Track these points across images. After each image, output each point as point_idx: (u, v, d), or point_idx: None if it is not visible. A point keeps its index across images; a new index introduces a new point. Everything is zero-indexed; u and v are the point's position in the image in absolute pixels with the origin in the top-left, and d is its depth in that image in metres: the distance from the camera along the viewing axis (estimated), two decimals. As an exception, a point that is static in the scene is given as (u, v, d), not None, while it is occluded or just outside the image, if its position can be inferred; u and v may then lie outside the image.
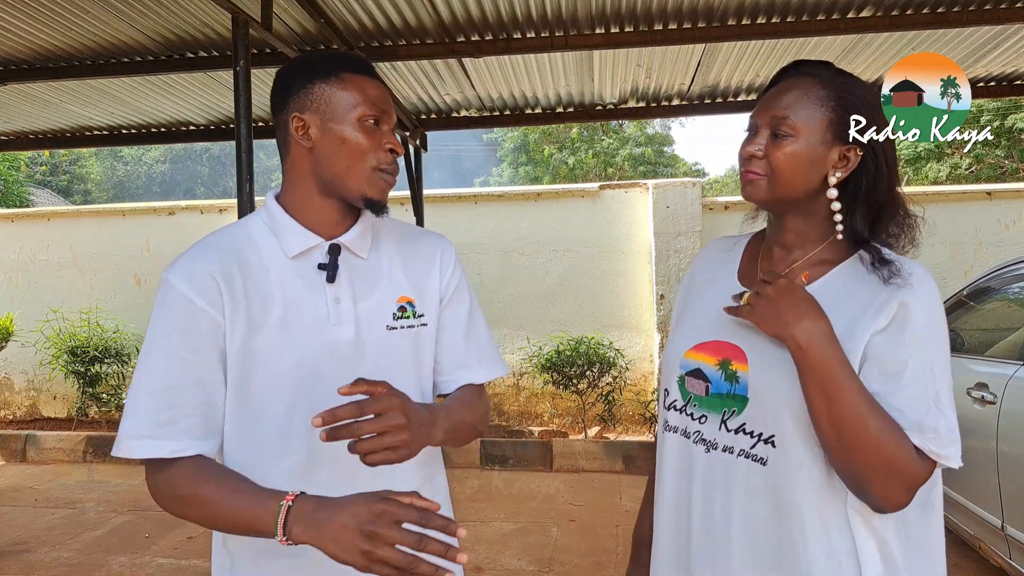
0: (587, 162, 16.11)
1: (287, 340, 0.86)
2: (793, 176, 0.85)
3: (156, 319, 0.86)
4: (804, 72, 0.90)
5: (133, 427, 0.83)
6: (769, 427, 0.83)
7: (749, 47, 3.48)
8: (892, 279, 0.82)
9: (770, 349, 0.84)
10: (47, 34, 3.09)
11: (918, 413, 0.77)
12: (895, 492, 0.77)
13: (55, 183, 18.83)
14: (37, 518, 3.66)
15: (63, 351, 5.29)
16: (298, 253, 0.90)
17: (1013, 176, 11.01)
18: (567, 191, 5.49)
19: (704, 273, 1.01)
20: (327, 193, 0.91)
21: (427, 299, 0.96)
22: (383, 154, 0.89)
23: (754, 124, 0.89)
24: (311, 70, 0.90)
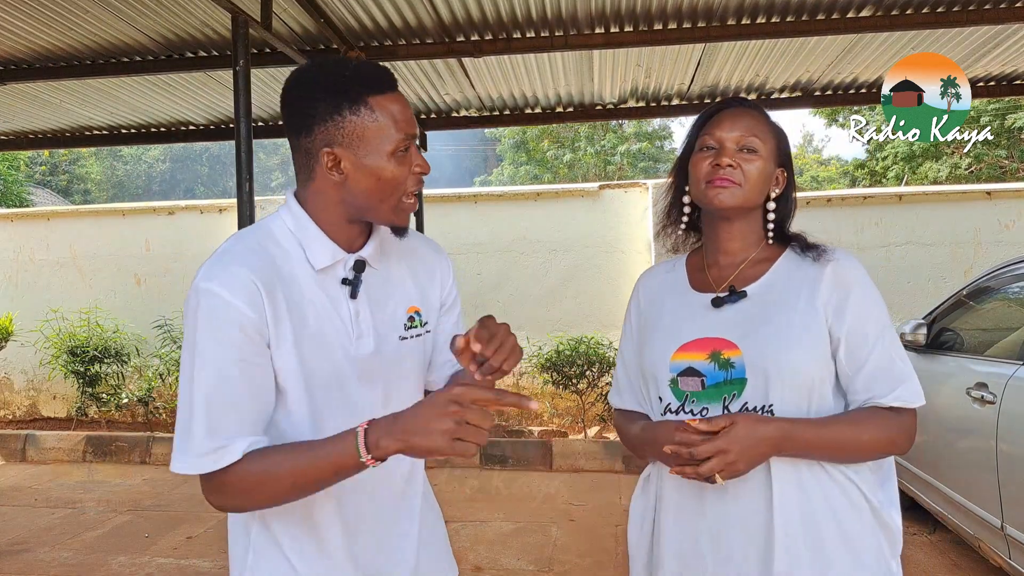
0: (587, 160, 16.10)
1: (318, 352, 0.87)
2: (757, 187, 1.01)
3: (203, 329, 0.82)
4: (748, 106, 1.05)
5: (198, 444, 0.81)
6: (769, 397, 0.95)
7: (749, 47, 3.49)
8: (822, 257, 1.00)
9: (756, 332, 0.97)
10: (47, 34, 3.09)
11: (888, 379, 0.96)
12: (902, 449, 0.97)
13: (55, 183, 18.83)
14: (36, 518, 3.66)
15: (63, 351, 5.29)
16: (325, 267, 0.89)
17: (1013, 176, 11.01)
18: (567, 191, 5.49)
19: (655, 293, 1.13)
20: (354, 219, 0.90)
21: (430, 307, 1.00)
22: (412, 182, 0.88)
23: (719, 140, 1.02)
24: (337, 95, 0.85)
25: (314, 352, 0.86)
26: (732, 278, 1.04)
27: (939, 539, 3.06)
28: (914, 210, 5.09)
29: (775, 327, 0.97)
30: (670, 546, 1.01)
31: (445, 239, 5.27)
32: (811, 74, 3.92)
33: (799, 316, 0.97)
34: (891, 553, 0.97)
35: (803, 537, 0.93)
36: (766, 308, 0.99)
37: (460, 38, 3.25)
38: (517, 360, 0.84)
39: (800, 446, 0.92)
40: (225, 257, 0.86)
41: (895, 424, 0.95)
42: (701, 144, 1.03)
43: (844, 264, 0.99)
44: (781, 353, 0.94)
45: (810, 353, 0.95)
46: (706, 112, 1.07)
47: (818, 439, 0.93)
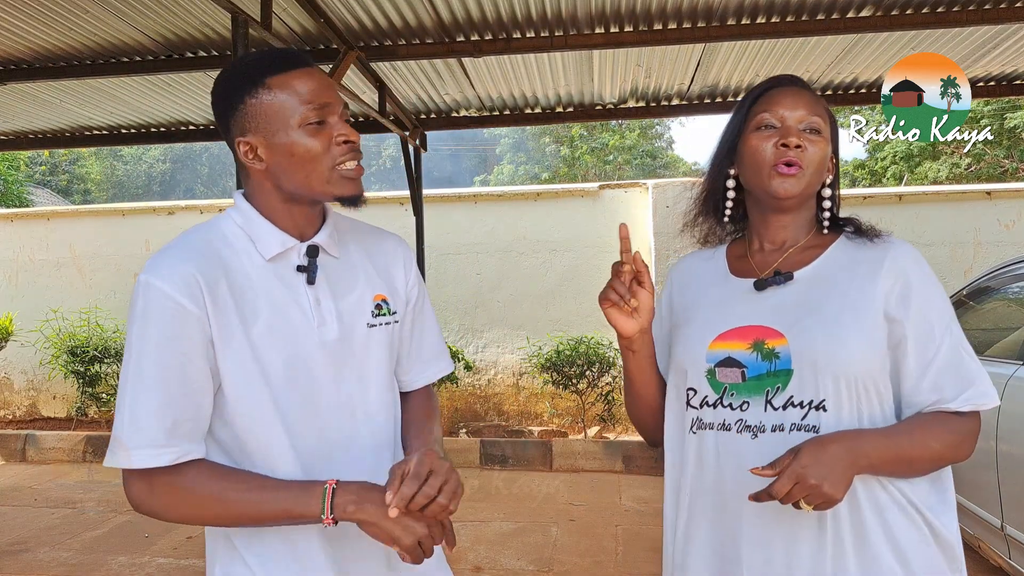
0: (586, 159, 16.11)
1: (275, 343, 0.85)
2: (819, 172, 0.94)
3: (141, 323, 0.82)
4: (801, 85, 0.97)
5: (131, 437, 0.80)
6: (819, 392, 0.87)
7: (749, 47, 3.49)
8: (879, 240, 0.93)
9: (803, 320, 0.89)
10: (47, 34, 3.09)
11: (958, 378, 0.87)
12: (965, 455, 0.89)
13: (55, 183, 18.83)
14: (36, 518, 3.66)
15: (63, 351, 5.29)
16: (275, 255, 0.88)
17: (1013, 176, 11.01)
18: (567, 191, 5.49)
19: (690, 279, 1.05)
20: (295, 201, 0.89)
21: (397, 297, 0.98)
22: (337, 149, 0.86)
23: (782, 119, 0.93)
24: (237, 86, 0.86)
25: (270, 343, 0.85)
26: (778, 263, 0.95)
27: (939, 539, 3.06)
28: (914, 210, 5.09)
29: (826, 314, 0.88)
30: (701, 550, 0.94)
31: (445, 239, 5.28)
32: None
33: (852, 302, 0.88)
34: (950, 568, 0.88)
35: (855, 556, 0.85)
36: (815, 293, 0.91)
37: (460, 38, 3.25)
38: (446, 508, 0.81)
39: (874, 462, 0.83)
40: (168, 252, 0.85)
41: (962, 429, 0.87)
42: (759, 122, 0.93)
43: (905, 251, 0.91)
44: (833, 342, 0.86)
45: (865, 343, 0.87)
46: (757, 89, 0.97)
47: (889, 452, 0.83)
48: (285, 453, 0.86)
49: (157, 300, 0.81)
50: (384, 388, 0.95)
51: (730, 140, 0.98)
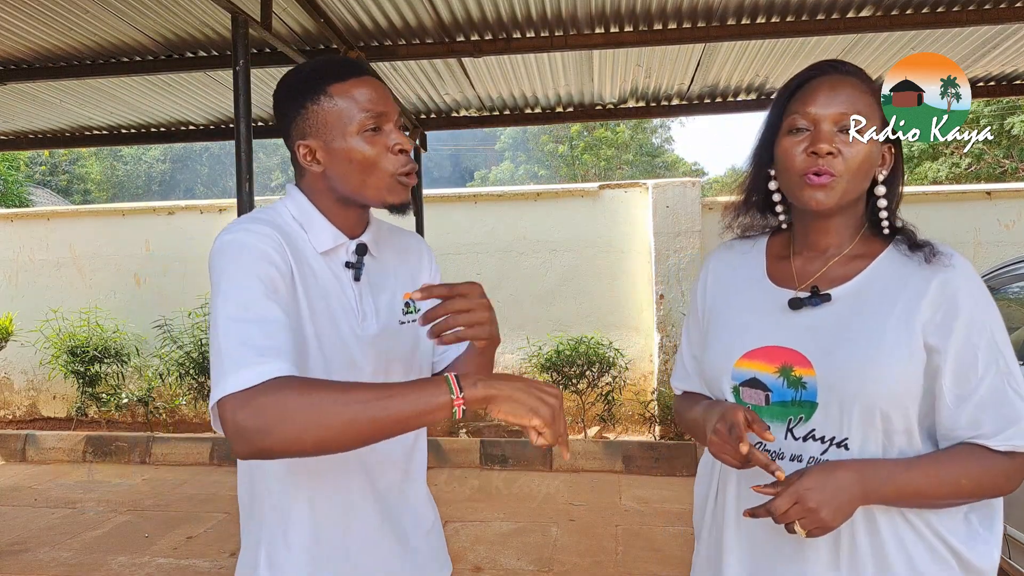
0: (586, 159, 16.12)
1: (332, 330, 0.88)
2: (860, 176, 0.85)
3: (234, 269, 0.79)
4: (845, 72, 0.88)
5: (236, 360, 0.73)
6: (843, 431, 0.82)
7: (749, 47, 3.49)
8: (933, 259, 0.84)
9: (836, 351, 0.83)
10: (47, 34, 3.09)
11: (999, 415, 0.80)
12: (1003, 492, 0.83)
13: (55, 183, 18.82)
14: (36, 518, 3.66)
15: (63, 351, 5.29)
16: (327, 249, 0.91)
17: (1013, 176, 11.01)
18: (567, 191, 5.49)
19: (727, 277, 0.98)
20: (349, 204, 0.93)
21: None
22: (394, 158, 0.89)
23: (814, 120, 0.84)
24: (300, 91, 0.89)
25: (325, 327, 0.88)
26: (818, 275, 0.87)
27: (939, 539, 3.06)
28: (914, 210, 4.98)
29: (860, 346, 0.82)
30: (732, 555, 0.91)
31: (445, 239, 5.28)
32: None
33: (891, 331, 0.81)
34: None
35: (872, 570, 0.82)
36: (852, 318, 0.84)
37: (460, 38, 3.25)
38: (478, 334, 0.79)
39: (887, 496, 0.79)
40: (246, 221, 0.86)
41: (1001, 468, 0.80)
42: (790, 124, 0.86)
43: (958, 273, 0.83)
44: (863, 377, 0.80)
45: (898, 375, 0.80)
46: (795, 79, 0.89)
47: (907, 487, 0.79)
48: None
49: (247, 247, 0.81)
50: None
51: (768, 138, 0.91)
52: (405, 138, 0.90)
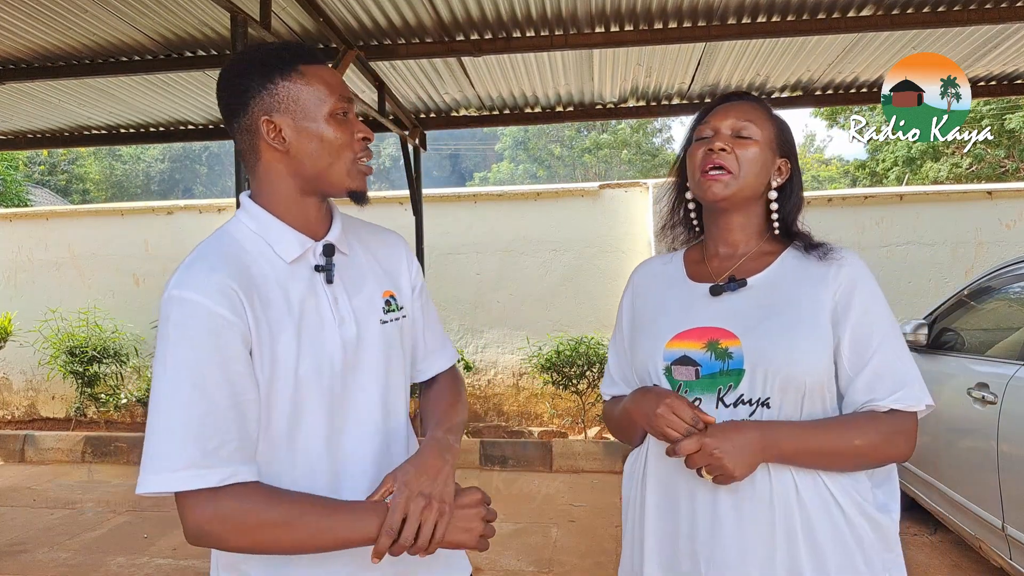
0: (587, 159, 16.12)
1: (302, 345, 0.85)
2: (752, 174, 0.98)
3: (178, 338, 0.78)
4: (746, 99, 1.03)
5: (172, 459, 0.75)
6: (766, 390, 0.93)
7: (749, 46, 3.48)
8: (827, 256, 0.98)
9: (757, 325, 0.94)
10: (46, 33, 3.08)
11: (891, 380, 0.92)
12: (901, 454, 0.93)
13: (53, 182, 18.81)
14: (35, 518, 3.65)
15: (61, 351, 5.28)
16: (295, 257, 0.88)
17: (1014, 176, 11.01)
18: (567, 190, 5.48)
19: (650, 283, 1.10)
20: (308, 192, 0.89)
21: (403, 292, 0.99)
22: (358, 144, 0.89)
23: (714, 128, 0.99)
24: (268, 67, 0.86)
25: (297, 350, 0.84)
26: (732, 269, 1.01)
27: (940, 540, 3.05)
28: (915, 210, 5.08)
29: (779, 321, 0.94)
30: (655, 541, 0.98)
31: (444, 239, 5.27)
32: (812, 73, 3.91)
33: (804, 313, 0.94)
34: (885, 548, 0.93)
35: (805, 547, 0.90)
36: (769, 301, 0.96)
37: (460, 37, 3.24)
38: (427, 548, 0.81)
39: (786, 452, 0.89)
40: (197, 264, 0.83)
41: (892, 427, 0.92)
42: (697, 135, 1.02)
43: (850, 264, 0.97)
44: (784, 347, 0.91)
45: (814, 352, 0.92)
46: (705, 107, 1.06)
47: (805, 444, 0.89)
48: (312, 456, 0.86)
49: (195, 313, 0.78)
50: (401, 383, 0.97)
51: (684, 157, 1.06)
52: (368, 130, 0.91)
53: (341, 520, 0.79)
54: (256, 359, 0.82)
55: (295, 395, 0.84)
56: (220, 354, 0.78)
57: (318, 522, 0.78)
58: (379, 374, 0.92)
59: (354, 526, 0.78)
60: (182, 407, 0.76)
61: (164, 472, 0.75)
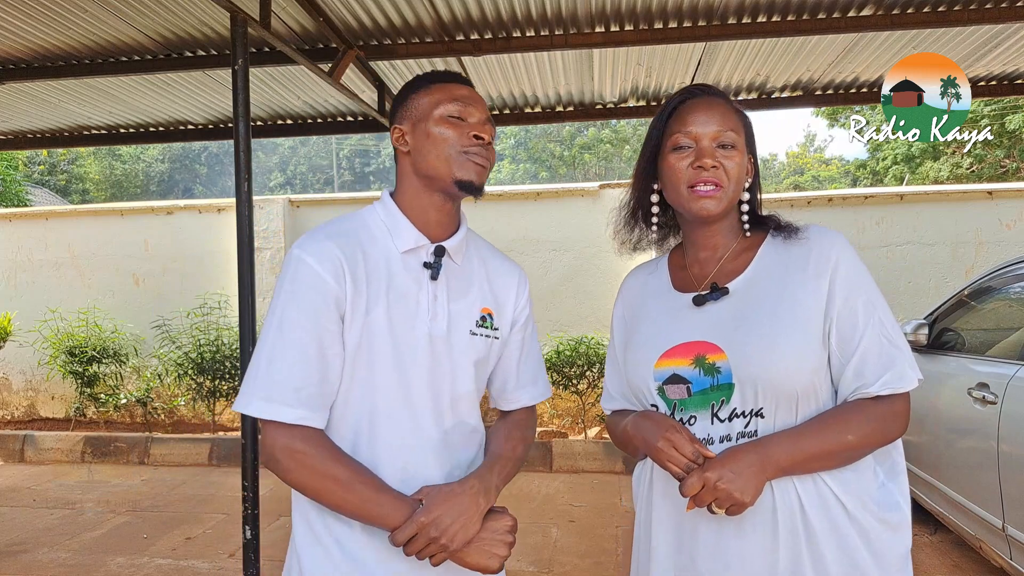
0: (587, 159, 16.13)
1: (392, 325, 0.94)
2: (737, 184, 0.97)
3: (288, 291, 0.91)
4: (713, 94, 1.00)
5: (264, 388, 0.89)
6: (758, 401, 0.92)
7: (749, 46, 3.48)
8: (795, 236, 0.97)
9: (740, 334, 0.93)
10: (45, 33, 3.08)
11: (877, 364, 0.91)
12: (896, 434, 0.93)
13: (53, 182, 18.80)
14: (35, 518, 3.65)
15: (61, 351, 5.28)
16: (408, 249, 0.98)
17: (1014, 175, 11.01)
18: (567, 190, 5.48)
19: (637, 297, 1.09)
20: (430, 188, 0.99)
21: (503, 316, 1.06)
22: (466, 139, 0.97)
23: (695, 138, 0.96)
24: (410, 87, 1.02)
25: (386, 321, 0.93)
26: (713, 274, 0.99)
27: (940, 540, 3.05)
28: (915, 209, 5.08)
29: (760, 325, 0.92)
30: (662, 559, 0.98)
31: (445, 239, 5.26)
32: (812, 73, 3.91)
33: (786, 307, 0.92)
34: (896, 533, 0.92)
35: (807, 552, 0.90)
36: (749, 304, 0.94)
37: (459, 37, 3.24)
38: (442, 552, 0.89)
39: (785, 465, 0.88)
40: (318, 232, 0.96)
41: (882, 413, 0.90)
42: (674, 143, 0.97)
43: (823, 241, 0.95)
44: (767, 354, 0.90)
45: (799, 349, 0.90)
46: (669, 103, 1.00)
47: (802, 453, 0.88)
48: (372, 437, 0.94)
49: (306, 274, 0.91)
50: (471, 391, 1.01)
51: (650, 155, 1.02)
52: (486, 130, 0.98)
53: (382, 502, 0.89)
54: (347, 323, 0.92)
55: (374, 366, 0.93)
56: (316, 311, 0.91)
57: (364, 493, 0.89)
58: (454, 376, 0.98)
59: (387, 512, 0.88)
60: (277, 348, 0.90)
61: (251, 397, 0.89)
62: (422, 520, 0.87)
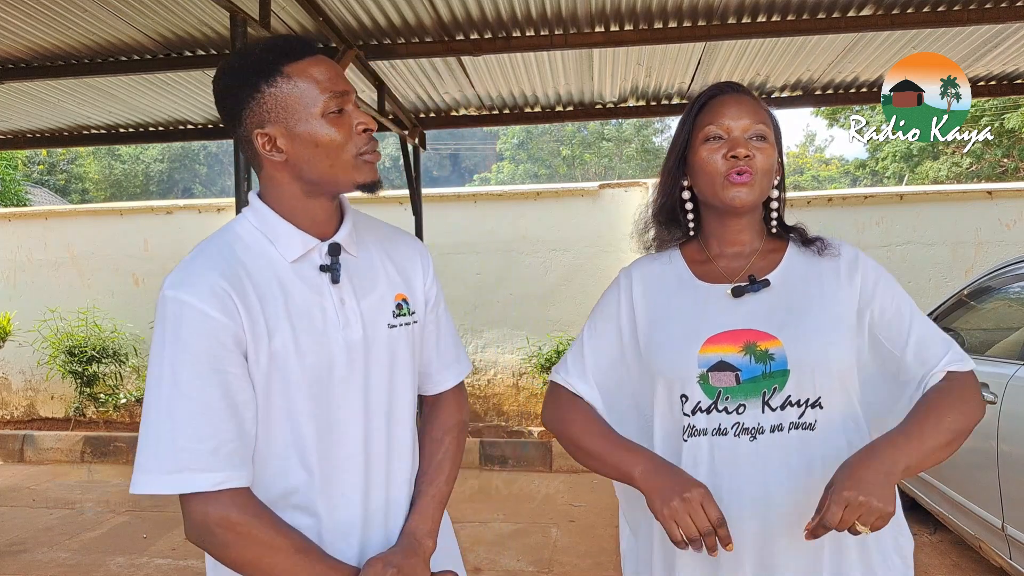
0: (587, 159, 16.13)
1: (300, 346, 0.83)
2: (769, 177, 0.97)
3: (172, 339, 0.78)
4: (743, 91, 0.99)
5: (171, 459, 0.76)
6: (816, 390, 0.90)
7: (749, 45, 3.48)
8: (826, 251, 0.98)
9: (793, 322, 0.92)
10: (45, 33, 3.08)
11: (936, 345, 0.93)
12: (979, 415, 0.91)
13: (52, 182, 18.79)
14: (35, 518, 3.65)
15: (60, 351, 5.28)
16: (298, 257, 0.86)
17: (1014, 175, 11.02)
18: (567, 190, 5.48)
19: (655, 284, 1.02)
20: (315, 194, 0.87)
21: (416, 298, 0.96)
22: (359, 138, 0.85)
23: (728, 129, 0.95)
24: (252, 74, 0.83)
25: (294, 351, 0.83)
26: (747, 268, 0.97)
27: (940, 540, 3.05)
28: (915, 209, 5.08)
29: (813, 317, 0.92)
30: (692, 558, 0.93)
31: (444, 238, 5.27)
32: (812, 73, 3.91)
33: (828, 310, 0.94)
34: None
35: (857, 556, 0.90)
36: (795, 297, 0.94)
37: (459, 37, 3.24)
38: None
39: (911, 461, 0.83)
40: (190, 264, 0.83)
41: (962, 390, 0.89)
42: (706, 135, 0.96)
43: (853, 255, 0.98)
44: (824, 342, 0.91)
45: (845, 344, 0.92)
46: (699, 99, 0.99)
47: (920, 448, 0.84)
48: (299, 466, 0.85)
49: (189, 315, 0.78)
50: (406, 390, 0.93)
51: (680, 151, 1.00)
52: (367, 116, 0.86)
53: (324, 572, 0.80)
54: (251, 359, 0.81)
55: (290, 395, 0.83)
56: (213, 355, 0.78)
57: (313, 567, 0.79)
58: (383, 380, 0.90)
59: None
60: (176, 408, 0.77)
61: (156, 472, 0.76)
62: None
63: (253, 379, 0.81)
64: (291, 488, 0.85)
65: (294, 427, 0.84)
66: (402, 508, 0.94)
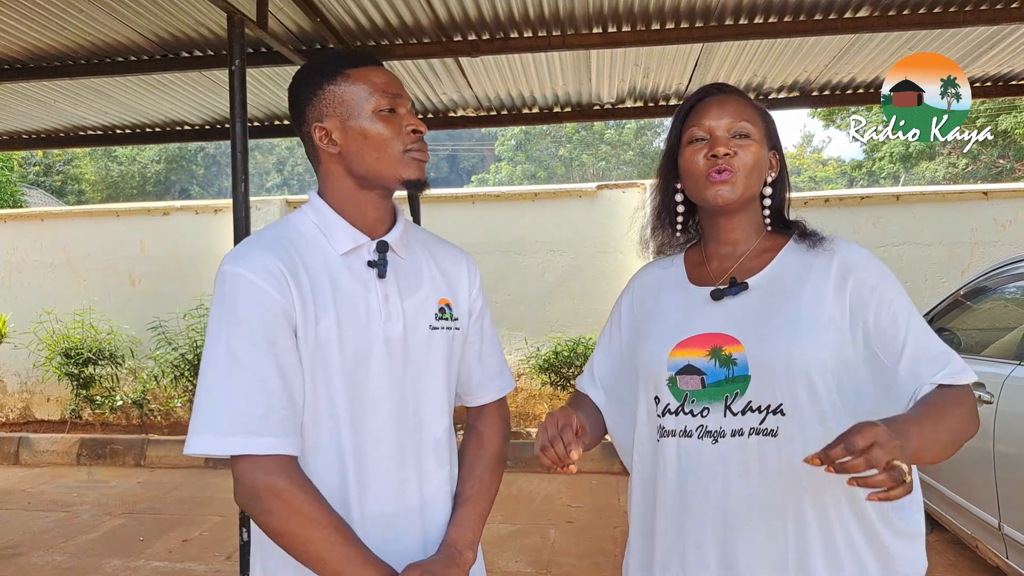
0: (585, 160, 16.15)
1: (342, 334, 0.87)
2: (755, 174, 0.97)
3: (229, 312, 0.83)
4: (729, 91, 1.00)
5: (224, 422, 0.80)
6: (777, 397, 0.89)
7: (747, 47, 3.49)
8: (821, 245, 0.96)
9: (760, 328, 0.92)
10: (41, 33, 3.07)
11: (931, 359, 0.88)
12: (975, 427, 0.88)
13: (49, 183, 18.73)
14: (30, 521, 3.63)
15: (56, 353, 5.26)
16: (348, 250, 0.91)
17: (1009, 176, 11.07)
18: (565, 191, 5.48)
19: (651, 288, 1.08)
20: (366, 187, 0.93)
21: (459, 306, 1.00)
22: (407, 136, 0.91)
23: (709, 129, 0.96)
24: (316, 76, 0.92)
25: (336, 337, 0.87)
26: (733, 270, 0.98)
27: (936, 539, 3.06)
28: (911, 210, 5.10)
29: (780, 320, 0.91)
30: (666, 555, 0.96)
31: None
32: (809, 74, 3.92)
33: (806, 308, 0.91)
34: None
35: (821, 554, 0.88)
36: (770, 300, 0.93)
37: (457, 37, 3.24)
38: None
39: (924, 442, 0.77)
40: (249, 245, 0.89)
41: (964, 401, 0.86)
42: (690, 137, 0.98)
43: (852, 252, 0.94)
44: (787, 348, 0.88)
45: (818, 348, 0.89)
46: (687, 102, 1.01)
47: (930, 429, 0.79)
48: (333, 452, 0.87)
49: (245, 289, 0.83)
50: (441, 392, 0.96)
51: (670, 155, 1.03)
52: (418, 120, 0.93)
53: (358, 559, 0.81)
54: (300, 337, 0.85)
55: (330, 382, 0.87)
56: (266, 326, 0.83)
57: (347, 551, 0.81)
58: (419, 378, 0.93)
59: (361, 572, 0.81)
60: (230, 375, 0.81)
61: (210, 434, 0.80)
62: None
63: (301, 354, 0.86)
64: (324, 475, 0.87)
65: (331, 415, 0.87)
66: (440, 510, 0.96)
